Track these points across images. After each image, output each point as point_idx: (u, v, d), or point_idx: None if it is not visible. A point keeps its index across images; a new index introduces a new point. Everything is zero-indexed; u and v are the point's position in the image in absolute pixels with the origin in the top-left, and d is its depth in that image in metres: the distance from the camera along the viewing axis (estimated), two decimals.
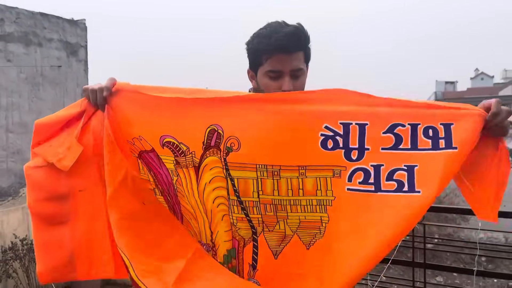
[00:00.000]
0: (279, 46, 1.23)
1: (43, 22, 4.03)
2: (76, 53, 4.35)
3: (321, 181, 1.02)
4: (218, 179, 1.08)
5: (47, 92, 4.06)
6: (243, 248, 1.12)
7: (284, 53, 1.24)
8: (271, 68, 1.26)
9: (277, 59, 1.25)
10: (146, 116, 1.11)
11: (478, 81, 35.19)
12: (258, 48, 1.28)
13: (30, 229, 3.57)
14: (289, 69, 1.25)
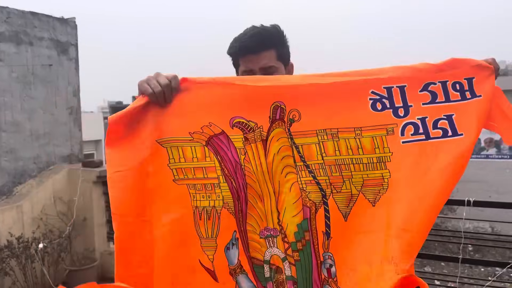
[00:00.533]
0: (244, 48, 1.35)
1: (34, 21, 4.03)
2: (66, 52, 4.36)
3: (377, 139, 1.14)
4: (285, 148, 1.16)
5: (38, 91, 4.08)
6: (315, 215, 1.17)
7: (252, 53, 1.35)
8: (244, 68, 1.38)
9: (247, 59, 1.36)
10: (215, 103, 1.18)
11: None
12: (231, 51, 1.41)
13: (25, 228, 3.61)
14: (258, 67, 1.35)
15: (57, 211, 3.94)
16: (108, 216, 4.25)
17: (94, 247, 4.09)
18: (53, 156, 4.21)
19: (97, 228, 4.13)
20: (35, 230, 3.65)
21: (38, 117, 4.07)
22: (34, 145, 4.04)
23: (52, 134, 4.20)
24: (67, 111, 4.37)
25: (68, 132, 4.36)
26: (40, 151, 4.09)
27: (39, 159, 4.08)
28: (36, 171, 4.05)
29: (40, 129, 4.09)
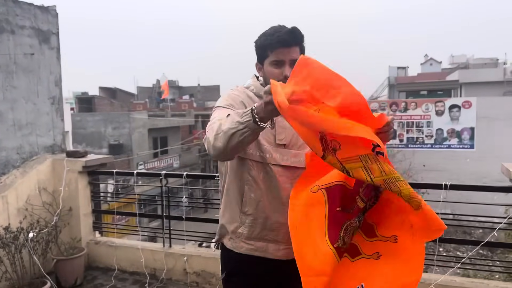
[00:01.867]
0: (281, 41, 1.61)
1: (15, 9, 3.95)
2: (48, 40, 4.30)
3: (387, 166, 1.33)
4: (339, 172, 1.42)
5: (20, 80, 4.01)
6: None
7: (284, 47, 1.61)
8: (275, 58, 1.63)
9: (279, 51, 1.62)
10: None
11: (427, 67, 36.87)
12: (264, 43, 1.65)
13: (11, 218, 3.60)
14: (289, 59, 1.62)
15: (42, 201, 3.92)
16: (93, 206, 4.27)
17: (80, 236, 4.10)
18: (36, 147, 4.17)
19: (83, 218, 4.14)
20: (22, 220, 3.63)
21: (20, 107, 4.01)
22: (17, 135, 3.98)
23: (34, 124, 4.15)
24: (49, 100, 4.32)
25: (51, 122, 4.32)
26: (23, 142, 4.04)
27: (22, 149, 4.03)
28: (20, 161, 4.00)
29: (23, 119, 4.03)
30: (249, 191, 1.66)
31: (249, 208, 1.67)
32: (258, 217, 1.67)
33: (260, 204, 1.66)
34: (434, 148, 16.05)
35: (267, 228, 1.67)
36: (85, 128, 22.66)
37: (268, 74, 1.66)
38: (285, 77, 1.54)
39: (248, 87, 1.76)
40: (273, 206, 1.65)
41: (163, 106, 33.31)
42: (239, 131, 1.38)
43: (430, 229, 1.45)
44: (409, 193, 1.34)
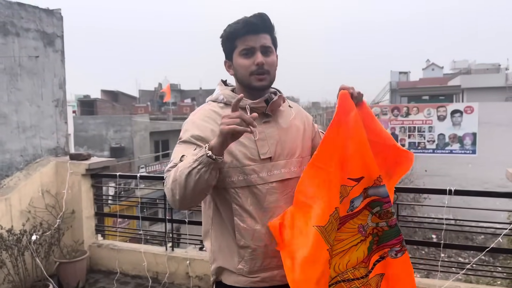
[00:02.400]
0: (247, 26, 1.44)
1: (20, 12, 3.97)
2: (52, 43, 4.32)
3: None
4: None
5: (25, 83, 4.03)
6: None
7: (253, 33, 1.45)
8: (244, 46, 1.46)
9: (247, 38, 1.45)
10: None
11: (429, 72, 36.87)
12: (230, 33, 1.48)
13: (14, 220, 3.60)
14: (259, 45, 1.46)
15: (46, 204, 3.93)
16: (96, 209, 4.27)
17: (82, 239, 4.10)
18: (39, 149, 4.18)
19: (86, 221, 4.14)
20: (25, 222, 3.63)
21: (24, 110, 4.02)
22: (21, 138, 3.99)
23: (38, 126, 4.16)
24: (53, 103, 4.33)
25: (54, 124, 4.33)
26: (27, 144, 4.05)
27: (26, 151, 4.04)
28: (23, 164, 4.01)
29: (27, 122, 4.05)
30: (240, 221, 1.46)
31: (245, 241, 1.47)
32: (257, 248, 1.47)
33: (256, 233, 1.46)
34: (436, 153, 16.03)
35: (270, 256, 1.48)
36: (87, 131, 22.69)
37: (238, 67, 1.49)
38: (257, 65, 1.45)
39: (217, 99, 1.55)
40: (270, 230, 1.47)
41: (165, 110, 33.36)
42: (194, 170, 1.27)
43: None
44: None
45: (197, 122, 1.49)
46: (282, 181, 1.49)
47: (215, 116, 1.48)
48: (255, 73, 1.46)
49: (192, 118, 1.52)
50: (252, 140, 1.45)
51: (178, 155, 1.41)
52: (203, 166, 1.27)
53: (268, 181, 1.46)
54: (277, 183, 1.48)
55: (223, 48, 1.54)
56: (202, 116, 1.51)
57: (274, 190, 1.47)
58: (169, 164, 1.42)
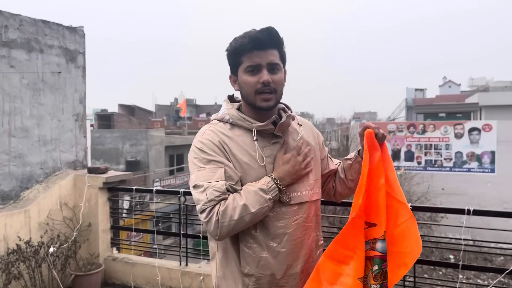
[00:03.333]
0: (253, 42, 1.37)
1: (45, 29, 4.11)
2: (75, 60, 4.44)
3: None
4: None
5: (47, 98, 4.14)
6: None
7: (260, 49, 1.38)
8: (250, 63, 1.39)
9: (254, 54, 1.38)
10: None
11: (446, 89, 36.56)
12: (236, 48, 1.41)
13: (32, 232, 3.66)
14: (266, 62, 1.38)
15: (63, 216, 3.99)
16: (112, 222, 4.32)
17: (98, 252, 4.14)
18: (59, 162, 4.26)
19: (102, 234, 4.18)
20: (43, 235, 3.69)
21: (46, 123, 4.12)
22: (42, 151, 4.09)
23: (58, 140, 4.26)
24: (73, 117, 4.43)
25: (74, 138, 4.43)
26: (47, 157, 4.14)
27: (45, 164, 4.13)
28: (43, 176, 4.09)
29: (48, 135, 4.14)
30: (246, 248, 1.39)
31: (250, 268, 1.40)
32: (262, 276, 1.40)
33: (262, 261, 1.39)
34: (453, 171, 15.80)
35: (275, 285, 1.42)
36: (104, 145, 23.03)
37: (243, 84, 1.42)
38: (263, 83, 1.38)
39: (223, 119, 1.48)
40: (278, 259, 1.40)
41: (180, 124, 33.70)
42: (268, 207, 1.36)
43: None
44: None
45: (208, 144, 1.41)
46: (292, 205, 1.42)
47: (224, 137, 1.43)
48: (260, 91, 1.40)
49: (202, 140, 1.43)
50: (262, 163, 1.40)
51: (208, 177, 1.35)
52: (273, 202, 1.37)
53: (275, 206, 1.39)
54: (286, 208, 1.41)
55: (228, 62, 1.48)
56: (211, 136, 1.43)
57: (283, 215, 1.40)
58: (199, 191, 1.35)
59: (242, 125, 1.44)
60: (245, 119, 1.44)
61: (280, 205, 1.41)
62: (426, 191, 14.13)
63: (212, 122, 1.51)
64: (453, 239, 3.15)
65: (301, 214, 1.44)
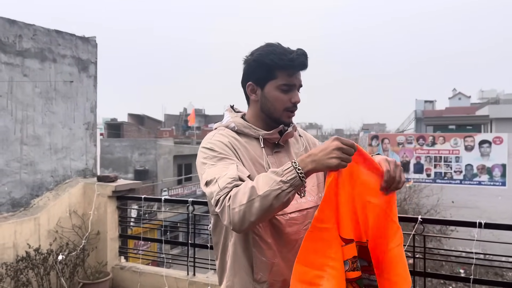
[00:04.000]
0: (300, 63, 1.41)
1: (58, 39, 4.18)
2: (87, 69, 4.51)
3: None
4: None
5: (59, 106, 4.20)
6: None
7: (299, 70, 1.44)
8: (287, 82, 1.42)
9: (294, 74, 1.42)
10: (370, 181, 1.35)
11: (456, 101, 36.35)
12: (274, 63, 1.40)
13: (42, 240, 3.68)
14: (299, 84, 1.46)
15: (72, 224, 4.01)
16: (120, 231, 4.33)
17: (106, 261, 4.15)
18: (69, 170, 4.30)
19: (110, 242, 4.19)
20: (52, 242, 3.71)
21: (57, 132, 4.17)
22: (53, 159, 4.13)
23: (69, 148, 4.30)
24: (84, 126, 4.48)
25: (84, 146, 4.47)
26: (58, 165, 4.18)
27: (56, 172, 4.16)
28: (53, 184, 4.13)
29: (59, 143, 4.19)
30: (259, 253, 1.39)
31: (262, 275, 1.39)
32: (275, 283, 1.40)
33: (274, 267, 1.39)
34: (464, 184, 15.62)
35: None
36: (113, 153, 23.19)
37: (272, 99, 1.44)
38: (294, 104, 1.45)
39: (228, 126, 1.50)
40: (290, 265, 1.34)
41: (189, 134, 33.85)
42: (283, 192, 1.18)
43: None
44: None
45: (218, 144, 1.41)
46: (301, 211, 1.43)
47: (233, 139, 1.45)
48: (289, 110, 1.46)
49: (212, 141, 1.44)
50: (264, 169, 1.41)
51: (221, 171, 1.31)
52: (293, 189, 1.19)
53: (286, 212, 1.39)
54: (296, 214, 1.42)
55: (252, 71, 1.46)
56: (221, 137, 1.44)
57: (294, 221, 1.41)
58: (211, 184, 1.30)
59: (248, 133, 1.47)
60: (251, 127, 1.48)
61: (291, 212, 1.41)
62: (436, 204, 13.96)
63: (219, 128, 1.52)
64: (463, 253, 3.11)
65: (309, 219, 1.43)
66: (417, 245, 2.93)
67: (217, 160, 1.36)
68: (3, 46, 3.69)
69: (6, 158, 3.73)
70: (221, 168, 1.32)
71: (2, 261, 3.40)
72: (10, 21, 3.76)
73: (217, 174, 1.30)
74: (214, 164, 1.35)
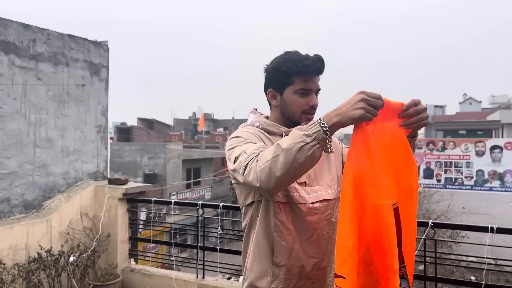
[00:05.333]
0: (315, 69, 1.49)
1: (71, 43, 4.24)
2: (98, 73, 4.56)
3: None
4: None
5: (71, 109, 4.25)
6: None
7: (315, 75, 1.51)
8: (303, 86, 1.50)
9: (309, 79, 1.50)
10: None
11: (467, 106, 36.06)
12: (291, 70, 1.49)
13: (53, 241, 3.71)
14: (315, 88, 1.53)
15: (83, 226, 4.05)
16: (130, 233, 4.35)
17: (116, 263, 4.17)
18: (80, 173, 4.35)
19: (120, 245, 4.22)
20: (64, 244, 3.75)
21: (69, 135, 4.22)
22: (64, 161, 4.18)
23: (81, 151, 4.35)
24: (96, 129, 4.53)
25: (96, 149, 4.51)
26: (69, 167, 4.23)
27: (68, 175, 4.21)
28: (65, 186, 4.17)
29: (71, 146, 4.24)
30: (280, 238, 1.45)
31: (281, 258, 1.46)
32: (293, 267, 1.46)
33: (293, 252, 1.46)
34: (475, 190, 15.44)
35: (304, 277, 1.48)
36: (122, 157, 23.35)
37: (291, 103, 1.53)
38: (312, 107, 1.51)
39: (253, 125, 1.60)
40: (309, 251, 1.46)
41: (198, 138, 33.97)
42: (307, 145, 1.18)
43: None
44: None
45: (245, 133, 1.50)
46: (322, 201, 1.49)
47: (260, 133, 1.54)
48: (307, 112, 1.53)
49: (240, 131, 1.54)
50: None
51: (248, 147, 1.38)
52: (317, 142, 1.19)
53: (308, 201, 1.46)
54: (317, 204, 1.48)
55: (271, 78, 1.56)
56: (251, 131, 1.53)
57: (315, 211, 1.47)
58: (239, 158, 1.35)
59: (271, 131, 1.56)
60: (274, 125, 1.57)
61: (313, 202, 1.47)
62: (446, 210, 13.83)
63: (245, 126, 1.61)
64: (474, 259, 3.08)
65: (330, 210, 1.51)
66: (428, 250, 2.91)
67: (244, 142, 1.44)
68: (18, 50, 3.75)
69: (20, 160, 3.78)
70: (248, 144, 1.41)
71: (14, 262, 3.45)
72: (24, 25, 3.82)
73: (245, 148, 1.38)
74: (241, 145, 1.43)
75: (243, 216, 1.59)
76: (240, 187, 1.53)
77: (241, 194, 1.55)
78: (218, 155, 28.78)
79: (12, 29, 3.71)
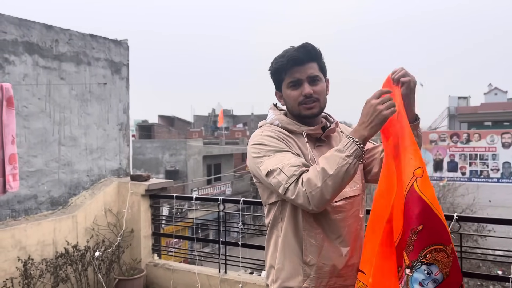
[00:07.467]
0: (293, 58, 1.49)
1: (92, 43, 4.31)
2: (119, 71, 4.63)
3: None
4: None
5: (94, 108, 4.33)
6: None
7: (298, 65, 1.49)
8: (291, 79, 1.51)
9: (293, 70, 1.50)
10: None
11: (492, 96, 35.05)
12: (277, 67, 1.54)
13: (79, 237, 3.80)
14: (305, 76, 1.50)
15: (107, 222, 4.13)
16: (153, 229, 4.42)
17: (140, 258, 4.25)
18: (104, 170, 4.43)
19: (143, 240, 4.29)
20: (89, 239, 3.84)
21: (92, 133, 4.31)
22: (88, 159, 4.26)
23: (104, 148, 4.43)
24: (118, 127, 4.60)
25: (118, 147, 4.59)
26: (93, 165, 4.32)
27: (91, 172, 4.30)
28: (89, 183, 4.26)
29: (94, 144, 4.32)
30: (308, 237, 1.46)
31: (312, 257, 1.46)
32: (324, 266, 1.46)
33: (323, 250, 1.46)
34: (501, 182, 15.05)
35: (335, 276, 1.48)
36: (144, 154, 23.68)
37: (287, 98, 1.55)
38: (305, 96, 1.49)
39: (273, 123, 1.59)
40: (338, 250, 1.47)
41: (218, 134, 34.17)
42: (350, 165, 1.28)
43: None
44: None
45: (272, 140, 1.49)
46: (347, 198, 1.49)
47: (280, 133, 1.52)
48: (303, 103, 1.51)
49: (263, 136, 1.51)
50: (309, 162, 1.46)
51: (279, 161, 1.39)
52: (357, 160, 1.29)
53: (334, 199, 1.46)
54: (342, 201, 1.48)
55: (273, 80, 1.61)
56: (270, 132, 1.52)
57: (340, 209, 1.48)
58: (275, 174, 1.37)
59: (291, 129, 1.55)
60: (294, 123, 1.55)
61: (337, 200, 1.47)
62: (472, 203, 13.52)
63: (265, 126, 1.60)
64: (501, 252, 3.00)
65: (356, 206, 1.52)
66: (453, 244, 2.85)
67: (272, 152, 1.44)
68: (41, 50, 3.84)
69: (46, 158, 3.88)
70: (280, 158, 1.41)
71: (42, 258, 3.55)
72: (47, 26, 3.90)
73: (279, 164, 1.38)
74: (271, 155, 1.43)
75: (266, 213, 1.59)
76: (262, 186, 1.53)
77: (263, 192, 1.56)
78: (238, 150, 28.89)
79: (36, 30, 3.79)
